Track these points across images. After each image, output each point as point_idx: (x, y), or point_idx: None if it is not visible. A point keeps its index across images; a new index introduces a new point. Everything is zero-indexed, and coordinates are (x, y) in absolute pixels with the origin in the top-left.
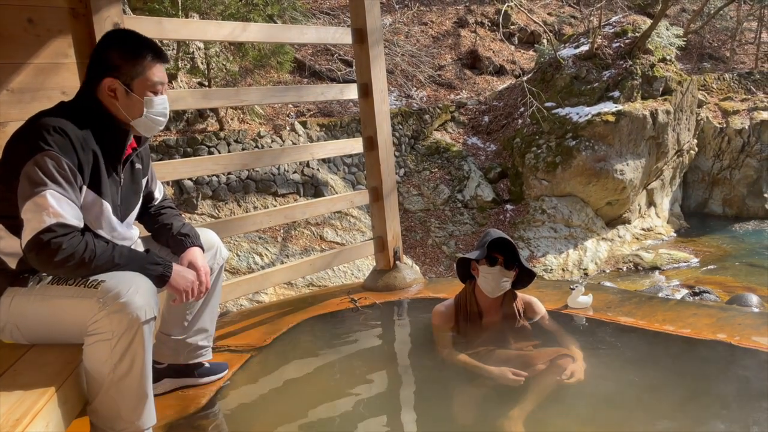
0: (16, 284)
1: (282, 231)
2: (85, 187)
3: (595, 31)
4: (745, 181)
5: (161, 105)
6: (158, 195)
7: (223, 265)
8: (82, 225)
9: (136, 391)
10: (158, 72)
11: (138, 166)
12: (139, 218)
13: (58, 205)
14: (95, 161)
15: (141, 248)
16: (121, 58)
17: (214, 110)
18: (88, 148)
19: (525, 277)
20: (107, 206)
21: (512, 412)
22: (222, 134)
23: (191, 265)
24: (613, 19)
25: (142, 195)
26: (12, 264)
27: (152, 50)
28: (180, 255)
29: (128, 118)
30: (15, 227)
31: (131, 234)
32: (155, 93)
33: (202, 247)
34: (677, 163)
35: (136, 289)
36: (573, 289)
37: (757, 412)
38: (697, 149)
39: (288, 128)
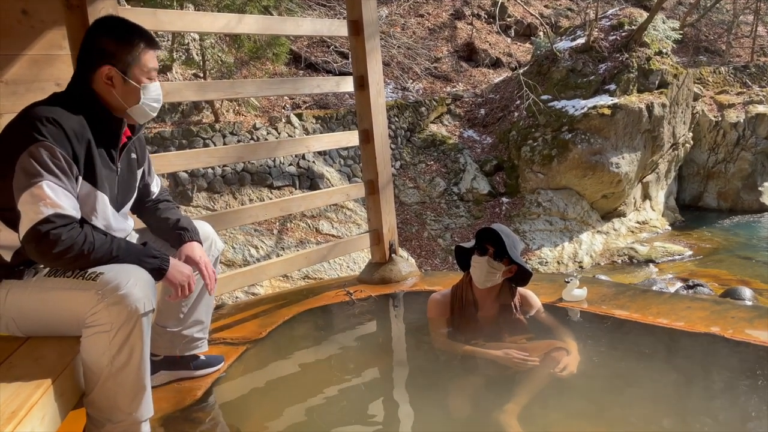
0: (12, 277)
1: (278, 224)
2: (81, 179)
3: (591, 23)
4: (739, 174)
5: (155, 91)
6: (155, 189)
7: (219, 257)
8: (79, 215)
9: (134, 383)
10: (152, 58)
11: (134, 156)
12: (137, 213)
13: (55, 196)
14: (90, 152)
15: (135, 240)
16: (115, 45)
17: (210, 102)
18: (83, 138)
19: (522, 276)
20: (104, 197)
21: (507, 405)
22: (217, 126)
23: (188, 260)
24: (610, 11)
25: (137, 186)
26: (7, 257)
27: (145, 37)
28: (178, 249)
29: (125, 106)
30: (11, 220)
31: (127, 225)
32: (150, 80)
33: (200, 242)
34: (672, 156)
35: (135, 282)
36: (568, 282)
37: (750, 405)
38: (692, 142)
39: (284, 120)
